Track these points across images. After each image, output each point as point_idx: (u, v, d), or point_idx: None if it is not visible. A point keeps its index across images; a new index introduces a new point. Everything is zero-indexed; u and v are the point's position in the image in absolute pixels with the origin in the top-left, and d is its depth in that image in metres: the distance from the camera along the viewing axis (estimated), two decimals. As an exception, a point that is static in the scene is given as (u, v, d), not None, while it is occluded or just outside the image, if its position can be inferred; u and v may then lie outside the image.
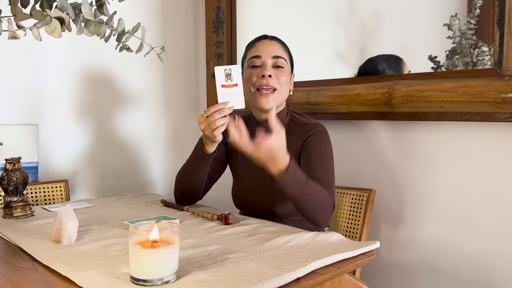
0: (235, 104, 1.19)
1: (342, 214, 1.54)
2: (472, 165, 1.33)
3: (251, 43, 1.38)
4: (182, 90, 2.16)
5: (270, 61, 1.31)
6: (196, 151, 1.31)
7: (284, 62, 1.33)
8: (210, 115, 1.18)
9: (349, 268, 0.92)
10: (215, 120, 1.17)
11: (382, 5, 1.53)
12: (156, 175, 2.08)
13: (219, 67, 1.19)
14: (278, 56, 1.32)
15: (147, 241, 0.78)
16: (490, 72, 1.24)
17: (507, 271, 1.27)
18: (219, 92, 1.19)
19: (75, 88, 1.81)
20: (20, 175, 1.30)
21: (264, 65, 1.31)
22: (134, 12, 1.95)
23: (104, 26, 0.96)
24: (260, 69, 1.31)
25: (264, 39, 1.36)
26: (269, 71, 1.29)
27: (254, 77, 1.30)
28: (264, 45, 1.33)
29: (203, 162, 1.30)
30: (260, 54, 1.32)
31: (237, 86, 1.19)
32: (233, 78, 1.20)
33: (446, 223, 1.39)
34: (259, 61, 1.32)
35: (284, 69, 1.32)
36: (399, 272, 1.51)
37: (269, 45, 1.33)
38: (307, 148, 1.28)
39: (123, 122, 1.95)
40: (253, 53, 1.33)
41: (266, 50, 1.32)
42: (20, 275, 0.85)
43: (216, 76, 1.19)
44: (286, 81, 1.33)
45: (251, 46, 1.36)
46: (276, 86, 1.29)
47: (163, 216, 1.27)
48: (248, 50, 1.36)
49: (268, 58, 1.31)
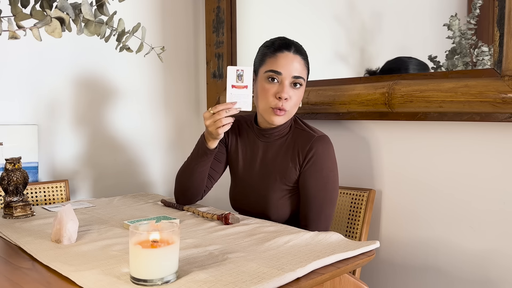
0: (243, 106, 1.20)
1: (342, 214, 1.54)
2: (472, 165, 1.33)
3: (271, 48, 1.28)
4: (182, 90, 2.16)
5: (289, 80, 1.25)
6: (198, 147, 1.31)
7: (303, 80, 1.28)
8: (217, 112, 1.18)
9: (349, 268, 0.92)
10: (221, 118, 1.18)
11: (382, 5, 1.53)
12: (156, 175, 2.08)
13: (232, 67, 1.20)
14: (298, 76, 1.26)
15: (147, 241, 0.78)
16: (490, 72, 1.24)
17: (508, 270, 1.27)
18: (229, 92, 1.20)
19: (75, 88, 1.81)
20: (20, 175, 1.30)
21: (282, 85, 1.25)
22: (134, 12, 1.95)
23: (104, 26, 0.96)
24: (277, 88, 1.25)
25: (287, 51, 1.26)
26: (286, 94, 1.24)
27: (270, 96, 1.25)
28: (287, 59, 1.25)
29: (204, 158, 1.30)
30: (281, 71, 1.25)
31: (247, 88, 1.20)
32: (244, 79, 1.20)
33: (446, 223, 1.39)
34: (279, 78, 1.25)
35: (301, 87, 1.28)
36: (399, 272, 1.51)
37: (292, 62, 1.25)
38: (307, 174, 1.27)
39: (123, 122, 1.95)
40: (274, 66, 1.25)
41: (289, 67, 1.25)
42: (20, 275, 0.85)
43: (228, 76, 1.20)
44: (299, 100, 1.29)
45: (271, 54, 1.27)
46: (288, 108, 1.26)
47: (163, 216, 1.28)
48: (268, 57, 1.27)
49: (288, 77, 1.25)
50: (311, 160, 1.26)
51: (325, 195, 1.27)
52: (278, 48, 1.27)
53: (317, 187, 1.26)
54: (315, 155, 1.26)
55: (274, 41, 1.30)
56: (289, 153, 1.30)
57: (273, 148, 1.34)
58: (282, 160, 1.31)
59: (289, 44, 1.28)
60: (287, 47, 1.27)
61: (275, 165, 1.32)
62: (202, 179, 1.35)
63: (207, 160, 1.31)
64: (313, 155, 1.26)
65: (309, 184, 1.27)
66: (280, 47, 1.27)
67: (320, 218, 1.26)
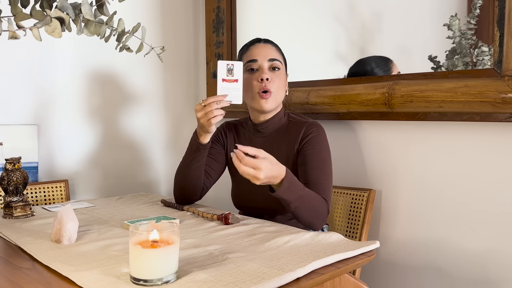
0: (233, 99, 1.24)
1: (342, 214, 1.54)
2: (472, 165, 1.33)
3: (245, 47, 1.41)
4: (182, 90, 2.16)
5: (266, 64, 1.35)
6: (191, 144, 1.34)
7: (280, 63, 1.37)
8: (208, 104, 1.21)
9: (349, 268, 0.92)
10: (213, 110, 1.21)
11: (382, 5, 1.53)
12: (156, 175, 2.08)
13: (222, 61, 1.24)
14: (273, 58, 1.36)
15: (147, 241, 0.78)
16: (490, 72, 1.24)
17: (508, 270, 1.27)
18: (219, 85, 1.24)
19: (75, 88, 1.81)
20: (20, 175, 1.30)
21: (261, 69, 1.35)
22: (134, 12, 1.95)
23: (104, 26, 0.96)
24: (257, 73, 1.34)
25: (258, 43, 1.39)
26: (266, 75, 1.33)
27: (254, 82, 1.34)
28: (259, 48, 1.37)
29: (198, 153, 1.32)
30: (256, 58, 1.35)
31: (237, 82, 1.24)
32: (235, 73, 1.24)
33: (446, 223, 1.39)
34: (256, 65, 1.35)
35: (280, 71, 1.37)
36: (399, 272, 1.51)
37: (264, 48, 1.37)
38: (304, 150, 1.32)
39: (123, 122, 1.95)
40: (249, 57, 1.36)
41: (262, 53, 1.36)
42: (20, 275, 0.85)
43: (218, 70, 1.23)
44: (282, 83, 1.37)
45: (245, 51, 1.39)
46: (272, 89, 1.33)
47: (163, 216, 1.28)
48: (243, 55, 1.39)
49: (264, 61, 1.35)
50: (306, 139, 1.32)
51: (320, 163, 1.29)
52: (250, 44, 1.40)
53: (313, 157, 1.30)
54: (310, 135, 1.32)
55: (247, 42, 1.43)
56: (285, 143, 1.36)
57: (270, 142, 1.38)
58: (281, 151, 1.34)
59: (259, 38, 1.41)
60: (257, 40, 1.41)
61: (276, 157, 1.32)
62: (198, 176, 1.35)
63: (201, 155, 1.32)
64: (308, 136, 1.32)
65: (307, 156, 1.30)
66: (252, 42, 1.41)
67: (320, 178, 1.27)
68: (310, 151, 1.30)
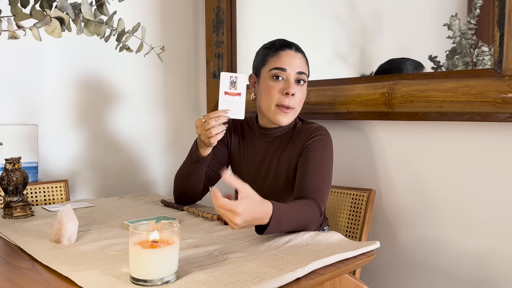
0: (236, 114, 1.18)
1: (342, 214, 1.54)
2: (472, 165, 1.33)
3: (272, 48, 1.30)
4: (182, 90, 2.16)
5: (294, 76, 1.27)
6: (191, 153, 1.30)
7: (306, 77, 1.30)
8: (207, 121, 1.16)
9: (349, 268, 0.92)
10: (211, 129, 1.16)
11: (382, 5, 1.53)
12: (156, 175, 2.08)
13: (226, 73, 1.18)
14: (302, 72, 1.28)
15: (147, 241, 0.78)
16: (490, 72, 1.24)
17: (507, 270, 1.27)
18: (221, 99, 1.18)
19: (75, 88, 1.81)
20: (20, 175, 1.30)
21: (288, 81, 1.26)
22: (134, 12, 1.95)
23: (104, 26, 0.96)
24: (283, 85, 1.26)
25: (289, 49, 1.28)
26: (293, 89, 1.24)
27: (276, 93, 1.26)
28: (289, 57, 1.27)
29: (197, 165, 1.29)
30: (286, 67, 1.26)
31: (240, 95, 1.18)
32: (238, 87, 1.18)
33: (446, 223, 1.39)
34: (284, 74, 1.26)
35: (305, 84, 1.30)
36: (399, 272, 1.51)
37: (294, 58, 1.27)
38: (305, 151, 1.26)
39: (123, 122, 1.95)
40: (278, 63, 1.26)
41: (292, 63, 1.26)
42: (20, 275, 0.85)
43: (220, 82, 1.18)
44: (303, 98, 1.30)
45: (273, 54, 1.28)
46: (295, 106, 1.27)
47: (163, 216, 1.27)
48: (270, 57, 1.28)
49: (293, 73, 1.26)
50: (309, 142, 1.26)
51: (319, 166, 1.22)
52: (279, 47, 1.29)
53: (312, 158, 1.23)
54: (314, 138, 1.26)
55: (275, 42, 1.32)
56: (289, 150, 1.30)
57: (274, 148, 1.34)
58: (284, 158, 1.31)
59: (290, 43, 1.31)
60: (289, 46, 1.30)
61: (280, 163, 1.32)
62: (198, 183, 1.34)
63: (201, 166, 1.29)
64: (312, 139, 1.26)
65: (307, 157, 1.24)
66: (282, 46, 1.29)
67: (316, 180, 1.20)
68: (310, 152, 1.25)
